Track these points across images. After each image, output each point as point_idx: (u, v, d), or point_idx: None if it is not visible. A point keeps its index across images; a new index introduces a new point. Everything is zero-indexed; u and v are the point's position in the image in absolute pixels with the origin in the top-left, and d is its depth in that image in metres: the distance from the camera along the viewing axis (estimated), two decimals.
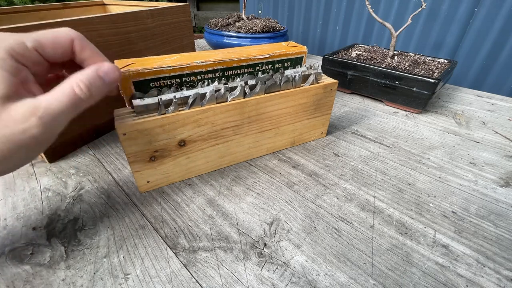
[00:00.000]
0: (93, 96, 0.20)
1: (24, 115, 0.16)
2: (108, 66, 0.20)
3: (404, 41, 1.05)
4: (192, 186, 0.32)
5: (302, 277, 0.22)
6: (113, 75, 0.21)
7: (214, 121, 0.30)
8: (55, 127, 0.18)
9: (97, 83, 0.20)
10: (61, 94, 0.18)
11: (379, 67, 0.50)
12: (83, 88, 0.19)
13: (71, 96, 0.18)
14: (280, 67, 0.38)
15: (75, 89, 0.18)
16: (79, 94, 0.19)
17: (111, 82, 0.21)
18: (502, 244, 0.26)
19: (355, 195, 0.31)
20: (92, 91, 0.19)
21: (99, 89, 0.20)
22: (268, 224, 0.27)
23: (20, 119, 0.16)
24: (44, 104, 0.17)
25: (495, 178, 0.34)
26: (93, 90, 0.19)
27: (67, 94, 0.18)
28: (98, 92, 0.20)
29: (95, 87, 0.20)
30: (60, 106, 0.18)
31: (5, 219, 0.27)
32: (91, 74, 0.19)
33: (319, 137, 0.42)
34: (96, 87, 0.20)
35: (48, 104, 0.17)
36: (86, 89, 0.19)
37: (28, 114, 0.16)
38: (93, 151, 0.39)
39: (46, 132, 0.17)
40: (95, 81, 0.20)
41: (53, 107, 0.17)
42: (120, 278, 0.22)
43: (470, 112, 0.51)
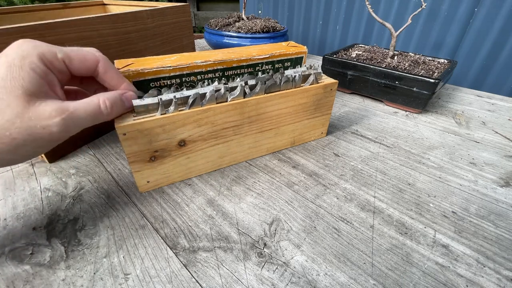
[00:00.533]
0: (112, 114, 0.23)
1: (51, 114, 0.18)
2: (130, 94, 0.25)
3: (404, 41, 1.05)
4: (192, 186, 0.32)
5: (302, 277, 0.22)
6: (130, 103, 0.25)
7: (214, 121, 0.30)
8: (72, 129, 0.20)
9: (118, 104, 0.23)
10: (88, 104, 0.21)
11: (379, 67, 0.50)
12: (107, 105, 0.22)
13: (96, 109, 0.21)
14: (280, 67, 0.38)
15: (101, 104, 0.22)
16: (102, 109, 0.22)
17: (129, 107, 0.25)
18: (502, 244, 0.26)
19: (355, 195, 0.31)
20: (113, 110, 0.23)
21: (118, 109, 0.24)
22: (268, 224, 0.27)
23: (47, 116, 0.18)
24: (72, 109, 0.20)
25: (495, 178, 0.34)
26: (114, 109, 0.23)
27: (93, 106, 0.21)
28: (117, 112, 0.24)
29: (116, 107, 0.23)
30: (84, 114, 0.20)
31: (5, 219, 0.27)
32: (117, 96, 0.23)
33: (319, 137, 0.42)
34: (117, 107, 0.23)
35: (75, 110, 0.20)
36: (110, 107, 0.22)
37: (54, 114, 0.19)
38: (93, 151, 0.39)
39: (63, 132, 0.20)
40: (117, 102, 0.23)
41: (78, 113, 0.20)
42: (120, 278, 0.22)
43: (470, 112, 0.51)
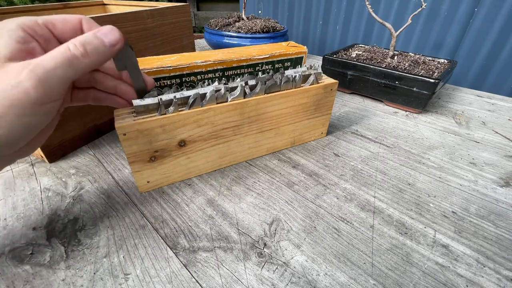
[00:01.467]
0: (89, 55, 0.20)
1: (18, 69, 0.17)
2: (106, 28, 0.21)
3: (404, 41, 1.05)
4: (192, 186, 0.32)
5: (302, 277, 0.22)
6: (112, 37, 0.21)
7: (214, 121, 0.30)
8: (49, 83, 0.18)
9: (94, 42, 0.20)
10: (55, 52, 0.18)
11: (379, 67, 0.50)
12: (77, 46, 0.19)
13: (65, 54, 0.18)
14: (280, 67, 0.38)
15: (69, 47, 0.19)
16: (73, 51, 0.19)
17: (111, 43, 0.21)
18: (502, 244, 0.26)
19: (355, 195, 0.31)
20: (88, 49, 0.19)
21: (97, 49, 0.20)
22: (268, 224, 0.27)
23: (14, 73, 0.17)
24: (38, 61, 0.17)
25: (495, 178, 0.34)
26: (89, 48, 0.19)
27: (61, 52, 0.18)
28: (96, 52, 0.20)
29: (92, 46, 0.19)
30: (53, 62, 0.18)
31: (5, 219, 0.27)
32: (88, 35, 0.20)
33: (319, 137, 0.42)
34: (93, 46, 0.20)
35: (41, 60, 0.18)
36: (81, 47, 0.19)
37: (21, 68, 0.17)
38: (93, 151, 0.39)
39: (40, 87, 0.17)
40: (91, 40, 0.20)
41: (45, 62, 0.18)
42: (120, 278, 0.22)
43: (470, 112, 0.51)
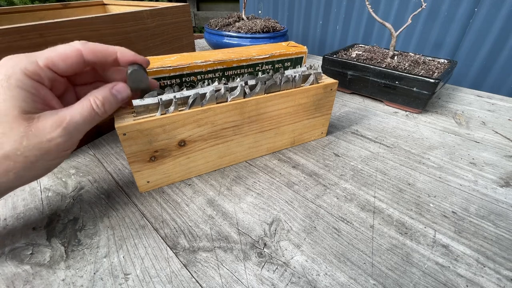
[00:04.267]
0: (107, 111, 0.23)
1: (52, 126, 0.19)
2: (120, 86, 0.24)
3: (404, 41, 1.05)
4: (192, 186, 0.32)
5: (302, 277, 0.22)
6: (124, 94, 0.25)
7: (214, 121, 0.30)
8: (75, 136, 0.21)
9: (110, 100, 0.23)
10: (81, 109, 0.21)
11: (379, 67, 0.50)
12: (99, 104, 0.22)
13: (90, 111, 0.22)
14: (280, 67, 0.38)
15: (92, 105, 0.22)
16: (96, 110, 0.22)
17: (123, 99, 0.25)
18: (502, 244, 0.26)
19: (355, 195, 0.31)
20: (106, 108, 0.23)
21: (112, 105, 0.23)
22: (268, 224, 0.27)
23: (48, 130, 0.19)
24: (69, 117, 0.20)
25: (495, 178, 0.34)
26: (107, 106, 0.23)
27: (86, 109, 0.21)
28: (111, 108, 0.24)
29: (109, 104, 0.23)
30: (81, 119, 0.21)
31: (5, 219, 0.27)
32: (107, 92, 0.23)
33: (319, 137, 0.42)
34: (109, 103, 0.23)
35: (72, 117, 0.20)
36: (102, 105, 0.22)
37: (55, 126, 0.19)
38: (93, 151, 0.39)
39: (68, 140, 0.21)
40: (108, 98, 0.23)
41: (75, 120, 0.21)
42: (120, 278, 0.22)
43: (470, 112, 0.51)
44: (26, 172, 0.19)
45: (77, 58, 0.21)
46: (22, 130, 0.18)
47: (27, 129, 0.18)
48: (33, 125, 0.19)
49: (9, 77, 0.18)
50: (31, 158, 0.19)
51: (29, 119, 0.19)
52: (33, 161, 0.19)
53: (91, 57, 0.22)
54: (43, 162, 0.20)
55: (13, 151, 0.18)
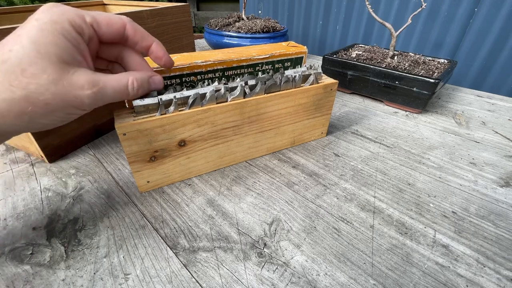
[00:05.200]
0: (136, 95, 0.23)
1: (84, 85, 0.19)
2: (159, 78, 0.25)
3: (404, 41, 1.05)
4: (192, 186, 0.32)
5: (302, 277, 0.22)
6: (158, 86, 0.25)
7: (214, 121, 0.30)
8: (98, 103, 0.21)
9: (144, 87, 0.23)
10: (118, 82, 0.21)
11: (379, 67, 0.50)
12: (135, 87, 0.22)
13: (123, 89, 0.21)
14: (280, 67, 0.38)
15: (129, 84, 0.22)
16: (129, 90, 0.22)
17: (153, 90, 0.25)
18: (502, 244, 0.26)
19: (355, 195, 0.31)
20: (138, 92, 0.23)
21: (143, 91, 0.23)
22: (268, 224, 0.27)
23: (79, 87, 0.19)
24: (102, 84, 0.20)
25: (495, 178, 0.34)
26: (140, 91, 0.23)
27: (123, 85, 0.21)
28: (141, 93, 0.23)
29: (142, 89, 0.23)
30: (111, 91, 0.21)
31: (5, 219, 0.27)
32: (145, 78, 0.23)
33: (319, 137, 0.42)
34: (142, 89, 0.23)
35: (105, 85, 0.20)
36: (137, 88, 0.22)
37: (87, 86, 0.19)
38: (93, 151, 0.39)
39: (92, 104, 0.20)
40: (144, 85, 0.23)
41: (106, 89, 0.20)
42: (120, 278, 0.22)
43: (470, 112, 0.51)
44: (41, 119, 0.19)
45: (119, 28, 0.21)
46: (55, 77, 0.18)
47: (60, 77, 0.18)
48: (66, 77, 0.18)
49: (55, 22, 0.18)
50: (52, 107, 0.18)
51: (64, 70, 0.18)
52: (52, 109, 0.18)
53: (131, 34, 0.22)
54: (60, 114, 0.19)
55: (36, 94, 0.17)
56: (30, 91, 0.17)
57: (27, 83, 0.17)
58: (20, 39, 0.17)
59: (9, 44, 0.17)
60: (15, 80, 0.17)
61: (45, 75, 0.17)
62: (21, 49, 0.17)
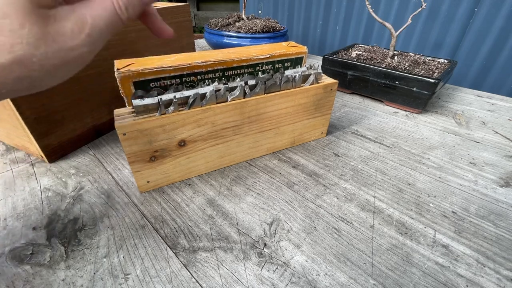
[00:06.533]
0: (130, 16, 0.18)
1: (73, 30, 0.15)
2: None
3: (404, 41, 1.05)
4: (192, 186, 0.32)
5: (302, 277, 0.22)
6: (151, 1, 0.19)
7: (214, 121, 0.30)
8: (98, 45, 0.17)
9: (135, 5, 0.18)
10: (104, 10, 0.17)
11: (379, 67, 0.50)
12: (122, 8, 0.17)
13: (113, 15, 0.17)
14: (280, 67, 0.38)
15: (115, 6, 0.17)
16: (119, 14, 0.17)
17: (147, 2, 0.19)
18: (502, 244, 0.26)
19: (355, 195, 0.31)
20: (130, 12, 0.18)
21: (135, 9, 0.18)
22: (268, 224, 0.27)
23: (69, 35, 0.15)
24: (90, 20, 0.16)
25: (495, 178, 0.34)
26: (130, 10, 0.18)
27: (109, 11, 0.17)
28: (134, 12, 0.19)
29: (132, 6, 0.18)
30: (104, 22, 0.17)
31: (5, 219, 0.27)
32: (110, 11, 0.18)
33: (319, 137, 0.42)
34: (132, 6, 0.18)
35: (94, 21, 0.16)
36: (125, 9, 0.18)
37: (77, 30, 0.16)
38: (93, 151, 0.39)
39: (92, 51, 0.17)
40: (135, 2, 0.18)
41: (99, 25, 0.16)
42: (120, 278, 0.22)
43: (470, 112, 0.51)
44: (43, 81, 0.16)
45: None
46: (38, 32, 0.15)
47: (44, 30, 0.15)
48: (50, 25, 0.15)
49: None
50: (49, 67, 0.16)
51: (44, 16, 0.15)
52: (51, 70, 0.16)
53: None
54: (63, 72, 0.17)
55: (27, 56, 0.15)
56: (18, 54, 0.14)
57: (11, 44, 0.14)
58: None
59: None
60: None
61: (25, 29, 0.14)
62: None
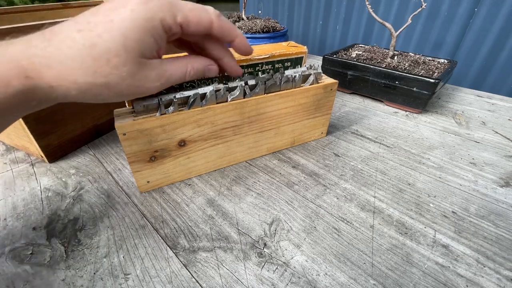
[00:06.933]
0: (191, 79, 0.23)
1: (155, 78, 0.20)
2: (215, 68, 0.24)
3: (404, 41, 1.05)
4: (192, 186, 0.32)
5: (302, 277, 0.22)
6: (212, 75, 0.25)
7: (214, 121, 0.30)
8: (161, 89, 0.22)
9: (199, 74, 0.23)
10: (179, 70, 0.22)
11: (379, 67, 0.50)
12: (191, 74, 0.23)
13: (182, 76, 0.22)
14: (280, 67, 0.38)
15: (187, 72, 0.22)
16: (186, 77, 0.23)
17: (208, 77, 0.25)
18: (502, 244, 0.26)
19: (355, 195, 0.31)
20: (192, 77, 0.23)
21: (198, 77, 0.24)
22: (268, 224, 0.27)
23: (150, 80, 0.20)
24: (168, 75, 0.21)
25: (495, 178, 0.34)
26: (194, 77, 0.23)
27: (181, 72, 0.22)
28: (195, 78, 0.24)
29: (196, 76, 0.23)
30: (175, 78, 0.22)
31: (5, 219, 0.27)
32: (202, 67, 0.23)
33: (319, 137, 0.42)
34: (197, 76, 0.23)
35: (170, 76, 0.21)
36: (192, 75, 0.23)
37: (157, 78, 0.20)
38: (93, 151, 0.39)
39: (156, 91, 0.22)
40: (200, 73, 0.23)
41: (172, 79, 0.22)
42: (120, 278, 0.22)
43: (470, 112, 0.51)
44: (112, 99, 0.20)
45: (206, 27, 0.21)
46: (133, 72, 0.19)
47: (136, 72, 0.19)
48: (142, 70, 0.19)
49: (148, 20, 0.18)
50: (124, 92, 0.19)
51: (142, 63, 0.19)
52: (124, 95, 0.20)
53: (216, 32, 0.22)
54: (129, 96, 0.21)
55: (114, 83, 0.19)
56: (110, 80, 0.18)
57: (109, 73, 0.18)
58: (112, 27, 0.17)
59: (98, 27, 0.17)
60: (100, 67, 0.17)
61: (125, 68, 0.18)
62: (110, 39, 0.17)
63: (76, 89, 0.18)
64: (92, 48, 0.17)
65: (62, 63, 0.17)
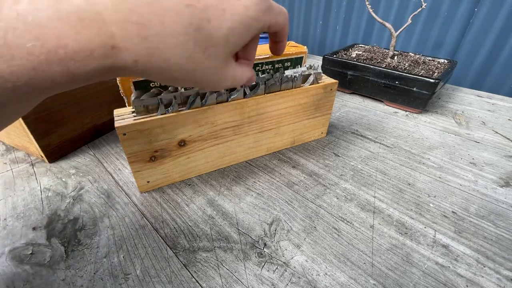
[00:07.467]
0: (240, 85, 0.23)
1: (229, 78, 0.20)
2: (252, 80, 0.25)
3: (404, 41, 1.05)
4: (192, 186, 0.32)
5: (302, 277, 0.22)
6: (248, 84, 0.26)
7: (214, 121, 0.30)
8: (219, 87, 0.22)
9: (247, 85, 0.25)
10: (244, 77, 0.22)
11: (379, 67, 0.50)
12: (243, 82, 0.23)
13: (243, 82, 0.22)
14: (280, 67, 0.38)
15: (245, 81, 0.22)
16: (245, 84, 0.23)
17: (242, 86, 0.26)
18: (502, 244, 0.26)
19: (355, 195, 0.31)
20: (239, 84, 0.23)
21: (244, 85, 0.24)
22: (268, 224, 0.27)
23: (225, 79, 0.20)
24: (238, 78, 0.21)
25: (495, 178, 0.34)
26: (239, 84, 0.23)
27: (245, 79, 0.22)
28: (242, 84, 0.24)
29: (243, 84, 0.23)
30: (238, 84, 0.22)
31: (5, 219, 0.27)
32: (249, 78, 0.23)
33: (319, 137, 0.42)
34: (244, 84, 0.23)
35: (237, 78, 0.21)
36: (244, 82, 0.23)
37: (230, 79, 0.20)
38: (93, 151, 0.39)
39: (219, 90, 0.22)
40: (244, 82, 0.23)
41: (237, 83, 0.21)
42: (120, 278, 0.22)
43: (470, 112, 0.51)
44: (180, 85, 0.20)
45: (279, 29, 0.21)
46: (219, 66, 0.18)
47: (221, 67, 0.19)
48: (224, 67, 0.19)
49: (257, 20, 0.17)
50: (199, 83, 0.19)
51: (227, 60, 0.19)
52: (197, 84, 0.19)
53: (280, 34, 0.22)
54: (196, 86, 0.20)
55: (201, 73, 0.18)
56: (198, 68, 0.17)
57: (201, 62, 0.17)
58: (223, 16, 0.16)
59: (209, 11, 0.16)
60: (196, 53, 0.16)
61: (217, 60, 0.17)
62: (217, 27, 0.16)
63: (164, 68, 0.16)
64: (197, 31, 0.15)
65: (160, 35, 0.14)
